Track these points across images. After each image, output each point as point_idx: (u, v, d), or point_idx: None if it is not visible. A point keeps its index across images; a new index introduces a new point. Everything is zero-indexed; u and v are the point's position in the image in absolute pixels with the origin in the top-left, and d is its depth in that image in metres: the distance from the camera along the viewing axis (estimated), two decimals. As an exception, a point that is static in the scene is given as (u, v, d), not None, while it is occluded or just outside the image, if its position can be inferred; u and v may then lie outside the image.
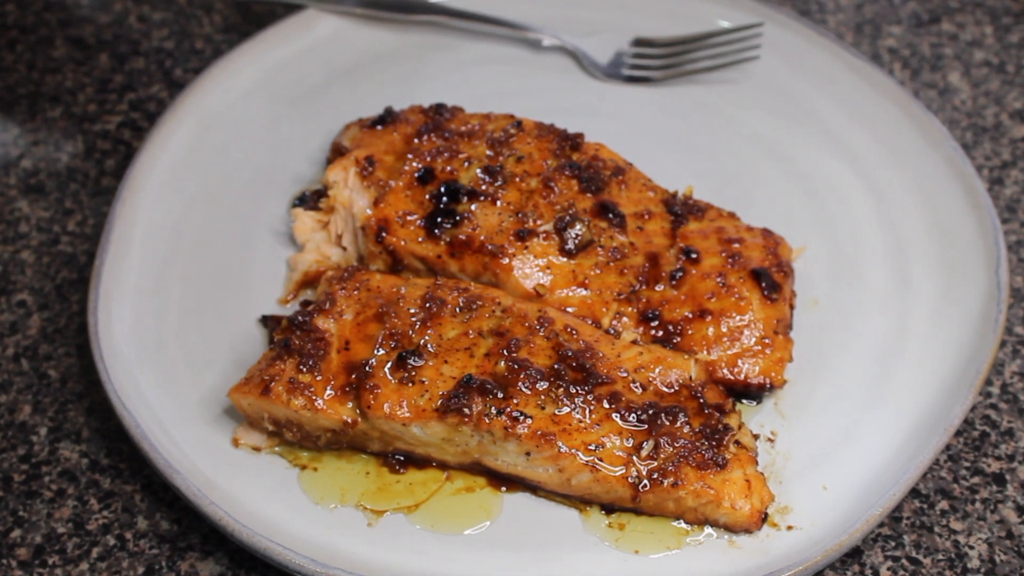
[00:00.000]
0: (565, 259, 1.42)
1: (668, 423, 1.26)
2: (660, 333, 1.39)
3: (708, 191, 1.57)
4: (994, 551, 1.30)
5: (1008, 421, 1.43)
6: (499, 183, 1.47)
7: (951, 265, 1.50)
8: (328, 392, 1.29)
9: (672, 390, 1.30)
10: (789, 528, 1.27)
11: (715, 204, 1.52)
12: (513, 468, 1.28)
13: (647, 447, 1.25)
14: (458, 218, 1.43)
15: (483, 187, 1.46)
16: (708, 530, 1.27)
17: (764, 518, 1.27)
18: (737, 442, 1.28)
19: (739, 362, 1.37)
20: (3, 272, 1.59)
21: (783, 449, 1.34)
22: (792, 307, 1.44)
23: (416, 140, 1.53)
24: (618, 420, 1.27)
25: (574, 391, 1.27)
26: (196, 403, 1.37)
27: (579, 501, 1.29)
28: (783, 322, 1.40)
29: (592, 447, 1.25)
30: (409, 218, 1.45)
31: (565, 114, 1.62)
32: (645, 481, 1.24)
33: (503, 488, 1.31)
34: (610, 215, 1.45)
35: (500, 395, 1.26)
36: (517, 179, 1.48)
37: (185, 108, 1.68)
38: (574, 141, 1.52)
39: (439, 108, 1.59)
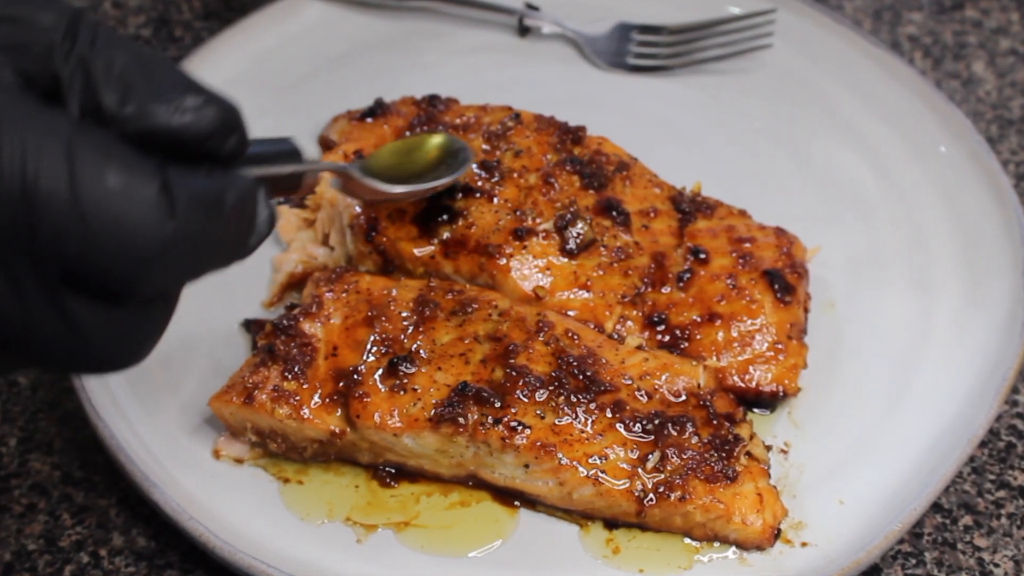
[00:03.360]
0: (566, 259, 1.42)
1: (675, 433, 1.26)
2: (667, 338, 1.38)
3: (717, 187, 1.57)
4: (1020, 569, 1.30)
5: (1035, 431, 1.43)
6: (496, 179, 1.47)
7: (975, 266, 1.50)
8: (315, 400, 1.29)
9: (679, 399, 1.30)
10: (803, 545, 1.27)
11: (725, 201, 1.52)
12: (511, 481, 1.28)
13: (653, 459, 1.25)
14: (453, 216, 1.43)
15: (479, 183, 1.46)
16: (718, 547, 1.27)
17: (777, 534, 1.27)
18: (748, 453, 1.28)
19: (750, 369, 1.37)
20: (-30, 273, 1.59)
21: (797, 461, 1.34)
22: (807, 310, 1.44)
23: (408, 133, 1.53)
24: (622, 430, 1.27)
25: (575, 400, 1.27)
26: (175, 412, 1.37)
27: (580, 516, 1.29)
28: (797, 326, 1.40)
29: (594, 459, 1.25)
30: (401, 215, 1.45)
31: (566, 106, 1.62)
32: (651, 495, 1.24)
33: (516, 503, 1.30)
34: (614, 213, 1.45)
35: (497, 404, 1.26)
36: (515, 175, 1.48)
37: (163, 99, 1.68)
38: (575, 135, 1.52)
39: (432, 100, 1.59)
